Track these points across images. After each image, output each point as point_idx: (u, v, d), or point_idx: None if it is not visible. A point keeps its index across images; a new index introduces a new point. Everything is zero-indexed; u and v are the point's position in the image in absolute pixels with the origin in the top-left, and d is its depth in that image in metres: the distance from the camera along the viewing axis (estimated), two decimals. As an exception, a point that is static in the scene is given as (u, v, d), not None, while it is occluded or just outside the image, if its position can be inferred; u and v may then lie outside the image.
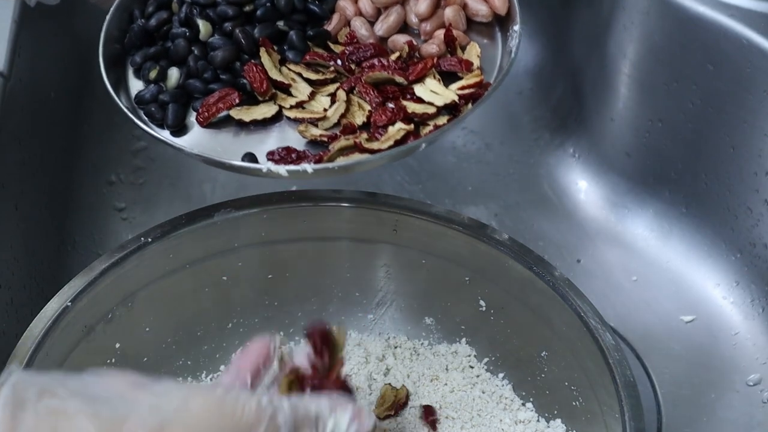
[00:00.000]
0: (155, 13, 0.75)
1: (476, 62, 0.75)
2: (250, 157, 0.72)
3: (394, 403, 0.81)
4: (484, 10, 0.74)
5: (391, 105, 0.73)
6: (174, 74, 0.73)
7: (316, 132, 0.74)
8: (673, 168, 0.95)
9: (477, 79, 0.74)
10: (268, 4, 0.74)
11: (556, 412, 0.80)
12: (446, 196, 1.01)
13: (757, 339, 0.88)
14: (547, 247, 0.94)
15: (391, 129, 0.72)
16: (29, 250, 0.87)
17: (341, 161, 0.70)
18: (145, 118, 0.73)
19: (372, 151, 0.70)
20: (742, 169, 0.88)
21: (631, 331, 0.90)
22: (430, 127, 0.72)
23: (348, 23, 0.79)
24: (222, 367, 0.84)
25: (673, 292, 0.93)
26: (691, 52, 0.88)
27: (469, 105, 0.73)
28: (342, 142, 0.72)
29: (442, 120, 0.73)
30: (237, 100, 0.73)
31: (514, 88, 1.08)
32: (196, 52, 0.73)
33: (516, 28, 0.73)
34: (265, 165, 0.70)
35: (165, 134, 0.73)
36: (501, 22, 0.77)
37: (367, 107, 0.74)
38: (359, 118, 0.74)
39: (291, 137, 0.74)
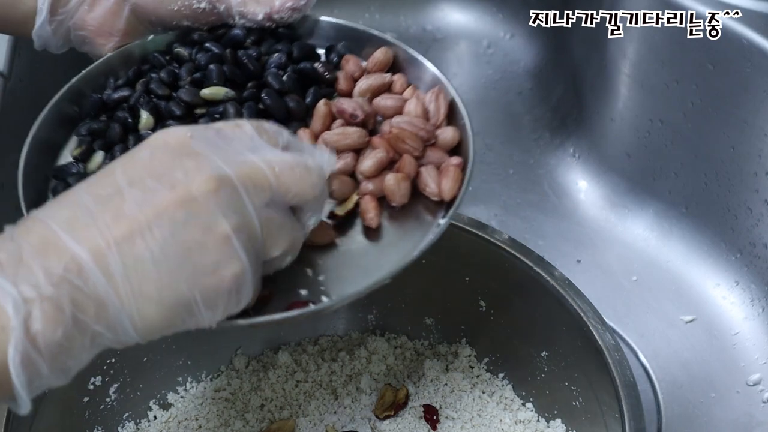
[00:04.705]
0: (120, 88, 0.68)
1: None
2: None
3: (394, 403, 0.81)
4: (432, 188, 0.62)
5: None
6: (97, 159, 0.65)
7: None
8: (673, 168, 0.95)
9: None
10: (218, 116, 0.65)
11: (556, 412, 0.80)
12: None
13: (757, 339, 0.88)
14: (547, 247, 0.94)
15: None
16: (29, 250, 0.86)
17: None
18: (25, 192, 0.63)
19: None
20: (742, 169, 0.88)
21: (631, 331, 0.90)
22: None
23: None
24: (222, 367, 0.85)
25: (673, 292, 0.93)
26: (691, 52, 0.88)
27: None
28: None
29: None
30: None
31: (514, 88, 1.08)
32: (131, 141, 0.65)
33: (441, 222, 0.62)
34: None
35: None
36: (449, 205, 0.63)
37: None
38: None
39: None
